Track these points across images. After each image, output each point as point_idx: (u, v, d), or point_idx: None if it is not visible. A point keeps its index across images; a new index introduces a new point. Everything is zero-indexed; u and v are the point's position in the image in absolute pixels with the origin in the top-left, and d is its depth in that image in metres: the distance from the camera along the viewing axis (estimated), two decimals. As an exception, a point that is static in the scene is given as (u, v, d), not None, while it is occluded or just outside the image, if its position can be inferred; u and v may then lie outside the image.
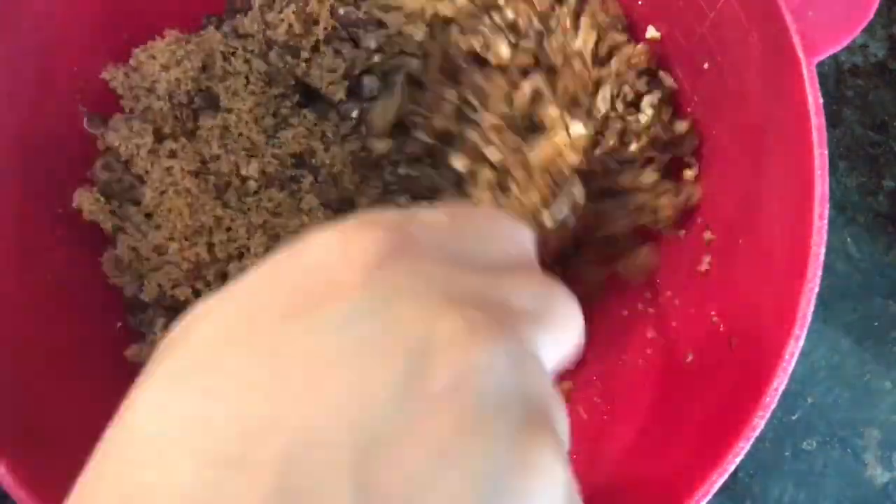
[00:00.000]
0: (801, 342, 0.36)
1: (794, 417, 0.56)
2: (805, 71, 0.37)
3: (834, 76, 0.61)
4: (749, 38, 0.40)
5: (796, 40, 0.37)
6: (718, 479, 0.35)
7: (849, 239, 0.59)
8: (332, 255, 0.20)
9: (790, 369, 0.36)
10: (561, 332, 0.23)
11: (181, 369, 0.19)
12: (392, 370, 0.18)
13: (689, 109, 0.47)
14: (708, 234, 0.45)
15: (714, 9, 0.42)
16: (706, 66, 0.44)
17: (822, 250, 0.36)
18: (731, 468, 0.36)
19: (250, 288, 0.20)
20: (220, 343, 0.19)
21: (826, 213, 0.36)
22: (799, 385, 0.56)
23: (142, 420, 0.18)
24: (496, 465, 0.18)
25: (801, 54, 0.37)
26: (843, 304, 0.58)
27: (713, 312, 0.42)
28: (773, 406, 0.36)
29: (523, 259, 0.25)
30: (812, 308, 0.36)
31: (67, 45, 0.47)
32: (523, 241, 0.26)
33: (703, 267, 0.45)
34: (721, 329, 0.41)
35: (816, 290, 0.36)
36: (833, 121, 0.59)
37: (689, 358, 0.43)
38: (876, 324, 0.58)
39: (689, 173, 0.47)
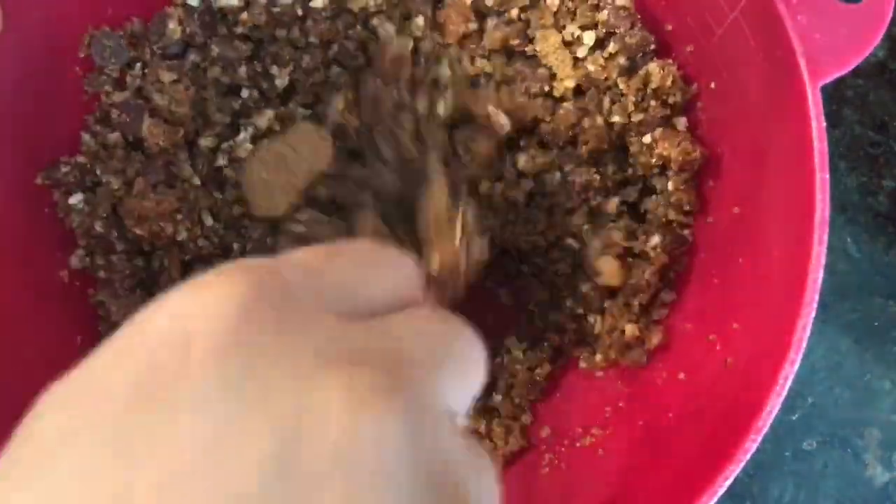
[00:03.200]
0: (797, 365, 0.36)
1: (794, 417, 0.56)
2: (809, 95, 0.36)
3: (834, 76, 0.60)
4: (755, 59, 0.40)
5: (802, 63, 0.37)
6: (709, 501, 0.36)
7: (849, 239, 0.58)
8: (186, 316, 0.17)
9: (784, 393, 0.36)
10: (464, 377, 0.21)
11: (17, 473, 0.16)
12: (259, 455, 0.16)
13: (696, 130, 0.47)
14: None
15: (722, 26, 0.42)
16: (713, 85, 0.44)
17: (820, 275, 0.36)
18: (722, 490, 0.36)
19: (99, 369, 0.18)
20: (61, 442, 0.16)
21: (825, 237, 0.36)
22: (799, 385, 0.56)
23: None
24: None
25: (805, 78, 0.36)
26: (843, 304, 0.58)
27: (710, 331, 0.42)
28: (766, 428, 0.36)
29: (412, 296, 0.22)
30: (808, 332, 0.36)
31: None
32: (410, 275, 0.23)
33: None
34: (717, 349, 0.41)
35: (813, 314, 0.36)
36: (833, 121, 0.59)
37: (681, 376, 0.43)
38: (876, 324, 0.58)
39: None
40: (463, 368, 0.21)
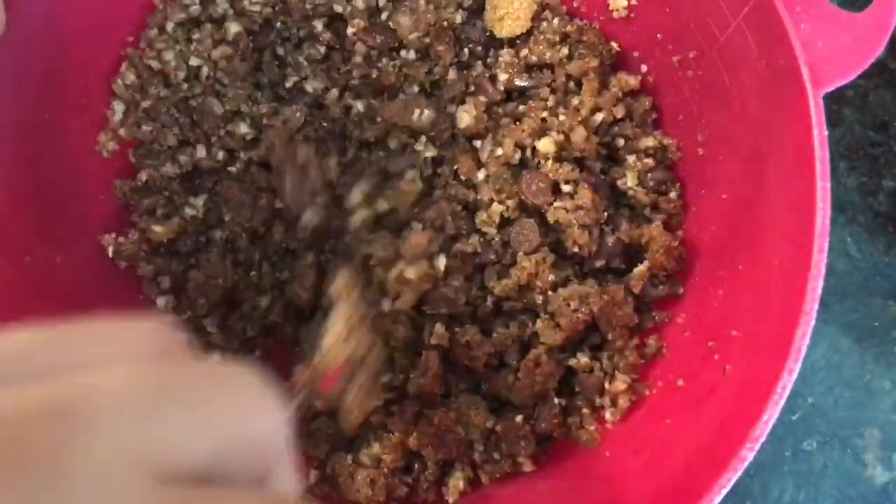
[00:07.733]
0: (795, 374, 0.36)
1: (794, 417, 0.56)
2: (811, 103, 0.36)
3: (834, 75, 0.60)
4: (757, 65, 0.39)
5: (804, 71, 0.36)
6: (706, 509, 0.36)
7: (849, 239, 0.58)
8: None
9: (782, 402, 0.36)
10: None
11: None
12: None
13: (698, 136, 0.47)
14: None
15: (725, 33, 0.41)
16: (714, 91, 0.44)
17: (820, 283, 0.36)
18: (719, 498, 0.36)
19: None
20: None
21: (826, 246, 0.36)
22: (799, 385, 0.56)
23: None
24: None
25: (808, 86, 0.36)
26: (843, 304, 0.58)
27: (709, 338, 0.42)
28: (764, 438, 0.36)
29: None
30: (807, 341, 0.36)
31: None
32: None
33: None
34: (716, 356, 0.41)
35: (813, 322, 0.36)
36: (833, 121, 0.59)
37: (680, 382, 0.43)
38: (876, 324, 0.57)
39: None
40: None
